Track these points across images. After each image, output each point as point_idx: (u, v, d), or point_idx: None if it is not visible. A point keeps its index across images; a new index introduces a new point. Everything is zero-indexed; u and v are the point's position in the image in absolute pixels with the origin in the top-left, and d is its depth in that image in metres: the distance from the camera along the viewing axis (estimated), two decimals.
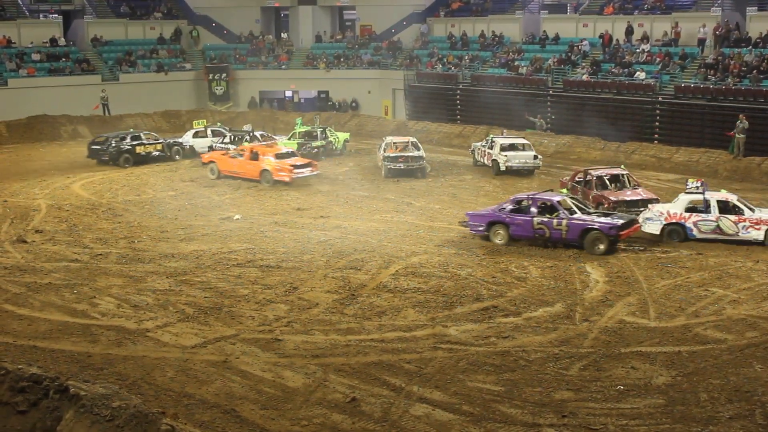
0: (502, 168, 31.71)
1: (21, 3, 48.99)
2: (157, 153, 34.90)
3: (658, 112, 36.44)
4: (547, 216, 21.82)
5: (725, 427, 12.18)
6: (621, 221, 21.48)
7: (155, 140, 35.48)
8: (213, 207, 26.71)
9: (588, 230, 21.24)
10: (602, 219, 21.62)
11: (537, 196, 22.67)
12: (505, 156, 31.84)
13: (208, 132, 37.06)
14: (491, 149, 32.71)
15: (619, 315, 16.85)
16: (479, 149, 34.09)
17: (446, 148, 39.04)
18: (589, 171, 26.08)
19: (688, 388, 13.50)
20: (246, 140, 34.63)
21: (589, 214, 22.13)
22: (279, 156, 30.31)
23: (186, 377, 13.85)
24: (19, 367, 10.38)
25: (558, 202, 22.13)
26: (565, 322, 16.47)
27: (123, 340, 15.55)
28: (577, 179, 26.33)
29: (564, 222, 21.49)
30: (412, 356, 14.80)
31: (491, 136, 34.51)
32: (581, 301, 17.67)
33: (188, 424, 11.36)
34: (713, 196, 22.22)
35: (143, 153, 34.53)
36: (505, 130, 36.47)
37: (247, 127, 36.80)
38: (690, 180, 23.40)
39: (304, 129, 37.09)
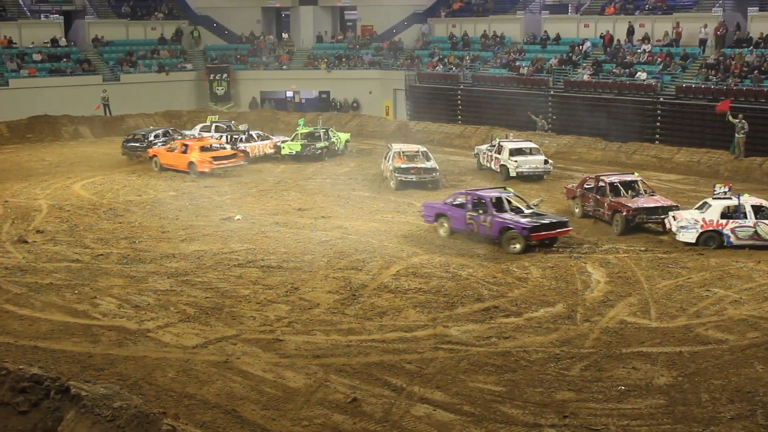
0: (512, 174, 30.52)
1: (22, 3, 49.00)
2: None
3: (659, 112, 36.41)
4: (478, 211, 22.35)
5: (726, 428, 12.17)
6: (539, 222, 21.70)
7: (181, 136, 36.72)
8: (214, 207, 26.71)
9: (506, 228, 21.64)
10: (520, 219, 21.80)
11: (476, 192, 23.31)
12: (515, 161, 30.67)
13: (213, 127, 37.77)
14: (499, 153, 31.46)
15: (620, 315, 16.84)
16: (485, 153, 32.82)
17: (447, 148, 39.03)
18: (601, 177, 25.02)
19: (689, 388, 13.50)
20: (241, 139, 35.14)
21: (517, 213, 22.36)
22: (204, 149, 32.22)
23: (187, 377, 13.85)
24: (20, 367, 10.39)
25: (489, 198, 22.56)
26: (566, 323, 16.46)
27: (124, 340, 15.56)
28: (587, 186, 25.36)
29: (489, 219, 21.95)
30: (413, 356, 14.80)
31: (498, 139, 33.26)
32: (582, 302, 17.67)
33: (189, 425, 11.37)
34: (747, 201, 21.73)
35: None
36: (511, 134, 35.65)
37: (242, 127, 37.00)
38: (717, 185, 22.73)
39: (306, 130, 36.57)
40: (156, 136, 35.73)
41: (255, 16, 53.47)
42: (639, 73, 37.80)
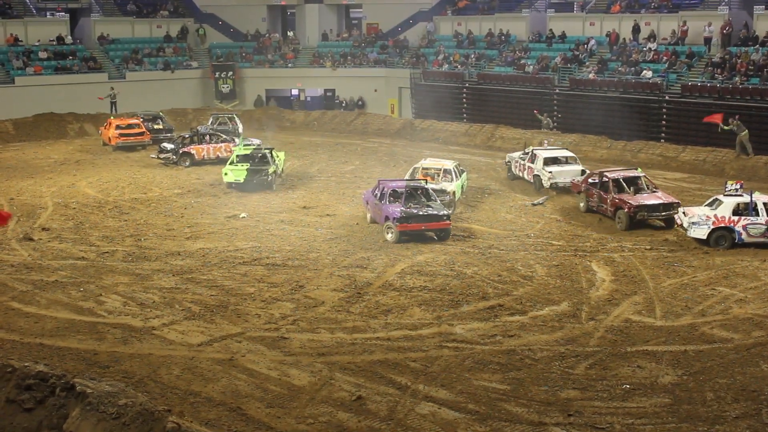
0: (546, 185, 28.08)
1: (28, 1, 49.10)
2: None
3: (664, 110, 36.34)
4: (381, 201, 23.16)
5: (731, 427, 12.17)
6: (409, 213, 22.10)
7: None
8: (219, 205, 26.74)
9: (387, 217, 22.44)
10: (397, 208, 22.26)
11: (387, 183, 24.01)
12: (550, 171, 28.22)
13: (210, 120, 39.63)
14: (533, 163, 28.94)
15: (625, 314, 16.83)
16: (517, 161, 30.26)
17: (453, 146, 38.99)
18: (605, 173, 25.03)
19: (694, 387, 13.50)
20: (188, 140, 34.66)
21: (414, 206, 22.67)
22: (119, 127, 37.59)
23: (192, 375, 13.88)
24: (26, 364, 10.41)
25: (392, 188, 23.35)
26: (571, 321, 16.46)
27: (129, 338, 15.59)
28: (591, 181, 25.36)
29: (381, 207, 22.88)
30: (417, 355, 14.81)
31: (531, 147, 30.75)
32: (587, 300, 17.66)
33: (194, 422, 11.39)
34: (759, 199, 21.55)
35: None
36: (546, 141, 33.70)
37: (201, 128, 36.57)
38: (729, 182, 22.66)
39: (245, 151, 30.00)
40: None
41: (260, 14, 53.45)
42: (644, 71, 37.73)
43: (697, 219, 21.67)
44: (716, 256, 20.72)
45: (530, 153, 29.72)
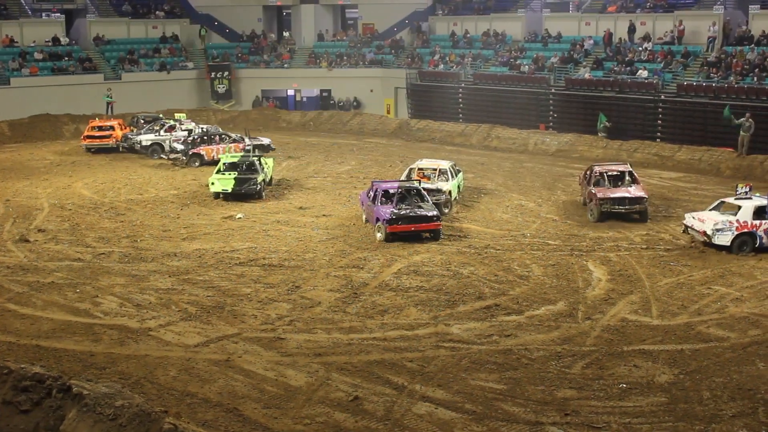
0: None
1: (23, 2, 49.03)
2: None
3: (660, 110, 36.39)
4: (375, 202, 23.25)
5: (728, 425, 12.18)
6: (398, 215, 22.08)
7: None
8: (215, 206, 26.71)
9: (377, 219, 22.45)
10: (387, 210, 22.32)
11: (380, 184, 24.14)
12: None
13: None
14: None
15: (621, 313, 16.85)
16: None
17: (448, 146, 39.04)
18: (594, 167, 26.00)
19: (690, 386, 13.51)
20: (198, 140, 34.69)
21: (405, 207, 22.70)
22: (93, 128, 38.04)
23: (189, 376, 13.87)
24: (22, 366, 10.40)
25: (383, 189, 23.61)
26: (567, 321, 16.47)
27: (126, 339, 15.57)
28: (586, 175, 26.29)
29: (373, 209, 22.95)
30: (414, 355, 14.81)
31: None
32: (584, 300, 17.67)
33: (191, 423, 11.36)
34: None
35: None
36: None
37: (212, 128, 36.28)
38: (739, 185, 22.14)
39: (232, 159, 29.02)
40: None
41: (256, 14, 53.48)
42: (640, 71, 37.78)
43: (722, 225, 20.85)
44: (712, 255, 20.74)
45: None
